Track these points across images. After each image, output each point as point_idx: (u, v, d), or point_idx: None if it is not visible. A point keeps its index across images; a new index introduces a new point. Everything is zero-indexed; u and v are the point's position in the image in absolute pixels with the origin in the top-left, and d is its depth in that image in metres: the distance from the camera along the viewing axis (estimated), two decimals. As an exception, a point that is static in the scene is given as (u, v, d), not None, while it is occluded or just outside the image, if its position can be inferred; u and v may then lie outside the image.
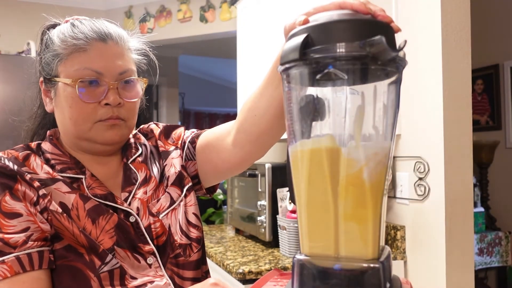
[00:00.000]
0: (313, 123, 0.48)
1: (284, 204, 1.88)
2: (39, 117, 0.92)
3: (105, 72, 0.78)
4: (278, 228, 1.88)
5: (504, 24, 3.13)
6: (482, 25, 3.14)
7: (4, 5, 3.63)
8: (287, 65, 0.46)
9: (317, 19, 0.48)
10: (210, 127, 0.97)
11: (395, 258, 1.75)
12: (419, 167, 1.69)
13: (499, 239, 2.71)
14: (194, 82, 6.79)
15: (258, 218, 1.98)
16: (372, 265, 0.45)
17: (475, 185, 2.66)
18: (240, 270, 1.58)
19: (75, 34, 0.79)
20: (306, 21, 0.48)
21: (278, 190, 1.94)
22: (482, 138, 2.93)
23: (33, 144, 0.84)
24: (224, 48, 4.53)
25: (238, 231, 2.37)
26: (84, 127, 0.79)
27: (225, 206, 2.99)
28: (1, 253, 0.68)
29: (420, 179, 1.69)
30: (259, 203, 1.99)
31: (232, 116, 7.76)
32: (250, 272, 1.58)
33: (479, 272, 2.86)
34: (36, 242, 0.71)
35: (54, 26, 0.86)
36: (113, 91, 0.78)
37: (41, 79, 0.84)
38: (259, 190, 2.00)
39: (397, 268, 1.74)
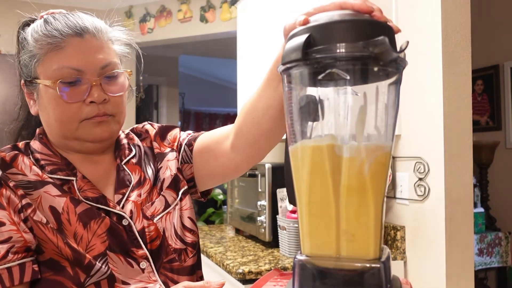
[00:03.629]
0: (314, 123, 0.48)
1: (284, 204, 1.88)
2: (22, 119, 0.89)
3: (86, 68, 0.75)
4: (278, 228, 1.88)
5: (504, 24, 3.13)
6: (482, 25, 3.14)
7: (4, 5, 3.63)
8: (288, 65, 0.46)
9: (317, 19, 0.47)
10: (210, 127, 0.97)
11: (395, 258, 1.75)
12: (419, 167, 1.69)
13: (499, 239, 2.71)
14: (194, 82, 6.79)
15: (258, 218, 1.98)
16: (373, 265, 0.45)
17: (475, 186, 2.66)
18: (240, 270, 1.58)
19: (49, 32, 0.75)
20: (306, 21, 0.48)
21: (278, 190, 1.94)
22: (482, 139, 2.93)
23: (21, 144, 0.81)
24: (224, 48, 4.52)
25: (238, 231, 2.37)
26: (70, 127, 0.76)
27: (225, 206, 3.00)
28: None
29: (420, 179, 1.69)
30: (259, 203, 1.99)
31: (232, 116, 7.75)
32: (250, 272, 1.58)
33: (479, 272, 2.86)
34: (16, 255, 0.68)
35: (28, 23, 0.82)
36: (97, 88, 0.75)
37: (22, 81, 0.82)
38: (259, 190, 2.00)
39: (397, 268, 1.74)
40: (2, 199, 0.71)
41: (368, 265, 0.45)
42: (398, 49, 0.45)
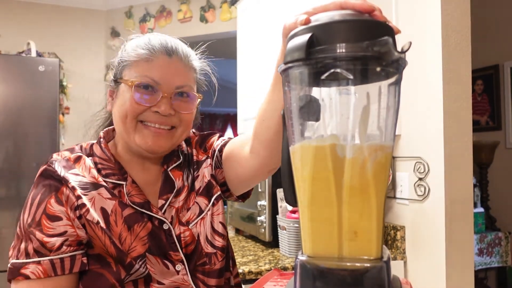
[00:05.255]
0: (316, 123, 0.47)
1: (284, 204, 1.88)
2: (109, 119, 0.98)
3: (162, 82, 0.82)
4: (278, 228, 1.88)
5: (504, 24, 3.13)
6: (482, 25, 3.14)
7: (4, 5, 3.63)
8: (290, 64, 0.46)
9: (318, 19, 0.47)
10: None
11: (395, 258, 1.75)
12: (419, 167, 1.69)
13: (499, 239, 2.71)
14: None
15: (258, 218, 1.98)
16: (376, 264, 0.45)
17: (475, 186, 2.66)
18: (240, 270, 1.58)
19: (145, 45, 0.84)
20: (308, 21, 0.48)
21: (278, 190, 1.94)
22: (482, 139, 2.93)
23: (87, 145, 0.89)
24: (224, 48, 4.52)
25: (238, 231, 2.37)
26: (129, 125, 0.83)
27: (225, 206, 3.00)
28: (39, 254, 0.75)
29: (420, 179, 1.69)
30: (259, 203, 1.99)
31: (232, 116, 7.74)
32: (250, 272, 1.58)
33: (479, 272, 2.86)
34: (69, 247, 0.77)
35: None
36: (166, 101, 0.82)
37: (110, 79, 0.90)
38: (259, 190, 2.00)
39: (397, 268, 1.74)
40: (62, 196, 0.79)
41: (371, 264, 0.45)
42: (397, 49, 0.45)
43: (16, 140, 2.83)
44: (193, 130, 1.02)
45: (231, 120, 7.84)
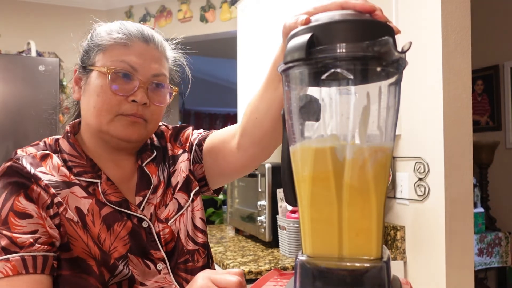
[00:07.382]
0: (316, 123, 0.47)
1: (284, 204, 1.88)
2: (77, 114, 0.93)
3: (140, 69, 0.79)
4: (278, 228, 1.88)
5: (504, 24, 3.13)
6: (482, 25, 3.14)
7: (4, 5, 3.63)
8: (290, 64, 0.46)
9: (318, 19, 0.47)
10: (210, 127, 0.97)
11: (395, 258, 1.75)
12: (419, 167, 1.69)
13: (499, 239, 2.71)
14: (194, 82, 6.76)
15: (258, 218, 1.98)
16: (376, 264, 0.45)
17: (475, 186, 2.66)
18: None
19: (121, 30, 0.81)
20: (308, 21, 0.48)
21: (278, 190, 1.94)
22: (482, 139, 2.93)
23: (51, 140, 0.84)
24: (224, 48, 4.52)
25: (238, 231, 2.37)
26: (105, 118, 0.79)
27: (225, 206, 3.00)
28: (7, 251, 0.69)
29: (420, 179, 1.69)
30: (259, 203, 1.99)
31: (232, 116, 7.74)
32: (250, 272, 1.58)
33: (479, 272, 2.86)
34: (42, 246, 0.71)
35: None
36: (142, 90, 0.79)
37: (76, 66, 0.85)
38: (259, 190, 2.00)
39: (397, 268, 1.74)
40: (33, 194, 0.73)
41: (371, 264, 0.45)
42: (397, 49, 0.45)
43: (16, 140, 2.83)
44: (164, 123, 0.99)
45: (231, 120, 7.85)
